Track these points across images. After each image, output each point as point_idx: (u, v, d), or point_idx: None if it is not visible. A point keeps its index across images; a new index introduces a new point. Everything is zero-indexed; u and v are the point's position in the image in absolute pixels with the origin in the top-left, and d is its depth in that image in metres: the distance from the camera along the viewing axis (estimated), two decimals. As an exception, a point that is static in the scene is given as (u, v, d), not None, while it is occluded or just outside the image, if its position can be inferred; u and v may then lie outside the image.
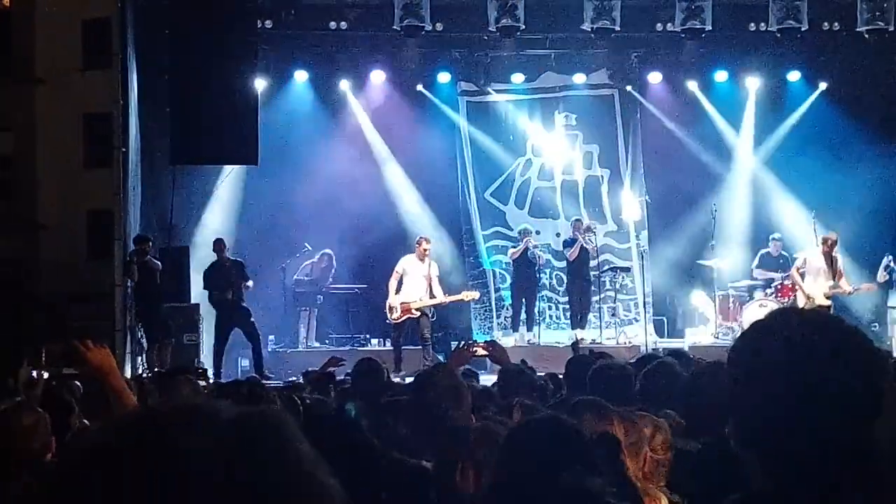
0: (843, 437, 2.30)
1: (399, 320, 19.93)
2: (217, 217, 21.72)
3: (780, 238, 21.77)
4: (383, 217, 22.74)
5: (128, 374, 17.68)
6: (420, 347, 19.80)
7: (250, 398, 5.83)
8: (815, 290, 19.32)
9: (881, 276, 20.99)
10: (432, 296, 19.95)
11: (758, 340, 2.42)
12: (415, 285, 19.90)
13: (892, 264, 21.36)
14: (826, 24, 22.09)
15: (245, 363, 20.25)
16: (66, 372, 12.97)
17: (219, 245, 19.66)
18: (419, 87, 23.43)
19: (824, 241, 19.61)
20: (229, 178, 21.62)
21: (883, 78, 22.54)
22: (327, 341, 21.64)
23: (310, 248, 21.85)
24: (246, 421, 1.55)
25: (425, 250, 20.06)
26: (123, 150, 18.44)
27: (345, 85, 23.13)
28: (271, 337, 21.19)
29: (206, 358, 19.44)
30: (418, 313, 19.81)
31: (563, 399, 7.38)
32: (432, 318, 20.12)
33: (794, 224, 22.35)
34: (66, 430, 7.03)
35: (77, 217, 18.91)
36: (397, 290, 19.99)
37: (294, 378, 14.80)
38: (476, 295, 21.19)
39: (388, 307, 20.03)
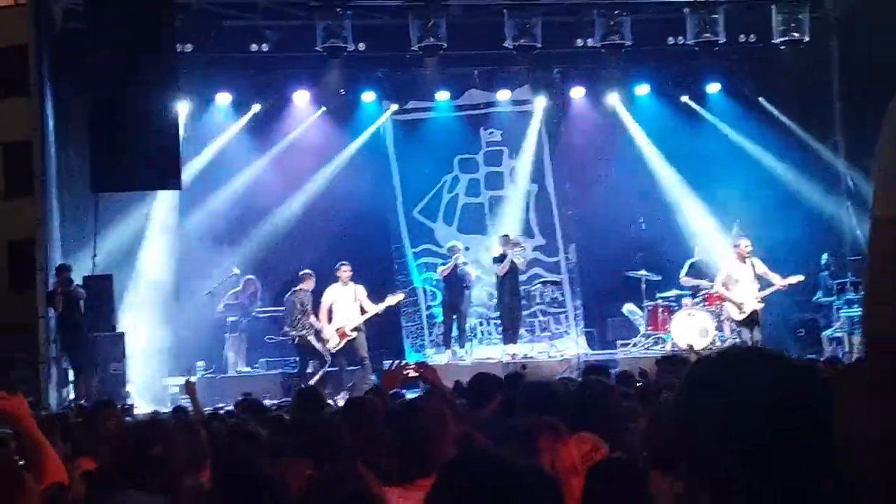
0: (801, 473, 2.31)
1: (337, 348, 19.89)
2: (142, 244, 21.49)
3: (704, 246, 21.93)
4: (309, 238, 22.63)
5: (53, 403, 17.53)
6: (357, 368, 19.81)
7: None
8: (744, 296, 19.45)
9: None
10: (363, 312, 19.93)
11: (710, 380, 2.40)
12: (343, 310, 19.89)
13: (829, 261, 21.69)
14: (742, 36, 22.33)
15: (174, 391, 20.07)
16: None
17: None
18: (343, 108, 23.39)
19: (735, 247, 19.79)
20: (154, 203, 21.43)
21: (800, 88, 22.82)
22: (257, 366, 21.48)
23: (237, 272, 21.70)
24: None
25: (346, 276, 20.04)
26: (44, 179, 18.24)
27: (268, 107, 23.03)
28: (200, 363, 21.01)
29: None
30: (354, 334, 19.78)
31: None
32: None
33: (719, 233, 22.53)
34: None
35: (-1, 248, 18.74)
36: (329, 320, 19.93)
37: (222, 404, 14.68)
38: (401, 297, 21.13)
39: (323, 339, 19.99)
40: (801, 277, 19.95)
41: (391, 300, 20.49)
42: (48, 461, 5.58)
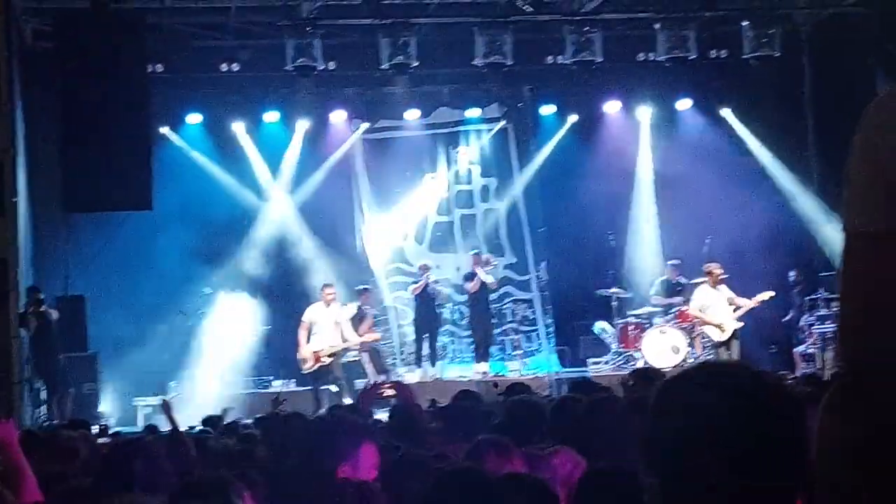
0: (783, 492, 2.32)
1: (311, 370, 19.78)
2: (113, 264, 21.40)
3: (677, 263, 21.99)
4: (282, 258, 22.64)
5: (27, 424, 17.40)
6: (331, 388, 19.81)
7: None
8: (722, 318, 19.55)
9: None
10: (344, 339, 19.85)
11: (685, 397, 2.40)
12: (325, 333, 19.75)
13: (797, 278, 21.81)
14: (713, 52, 22.47)
15: (147, 410, 20.02)
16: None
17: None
18: (313, 126, 23.38)
19: (709, 273, 19.87)
20: (124, 223, 21.34)
21: (771, 103, 22.96)
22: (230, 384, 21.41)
23: (209, 290, 21.65)
24: None
25: (330, 296, 19.96)
26: (15, 199, 18.14)
27: (238, 127, 23.02)
28: (172, 383, 20.96)
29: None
30: (329, 360, 19.67)
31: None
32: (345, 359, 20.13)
33: (691, 249, 22.59)
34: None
35: (-32, 269, 18.53)
36: (308, 340, 19.84)
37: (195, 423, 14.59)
38: (378, 336, 21.12)
39: (300, 359, 19.88)
40: (771, 293, 20.05)
41: (369, 337, 20.43)
42: (26, 482, 5.64)
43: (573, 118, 24.00)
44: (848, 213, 2.40)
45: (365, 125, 23.70)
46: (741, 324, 19.65)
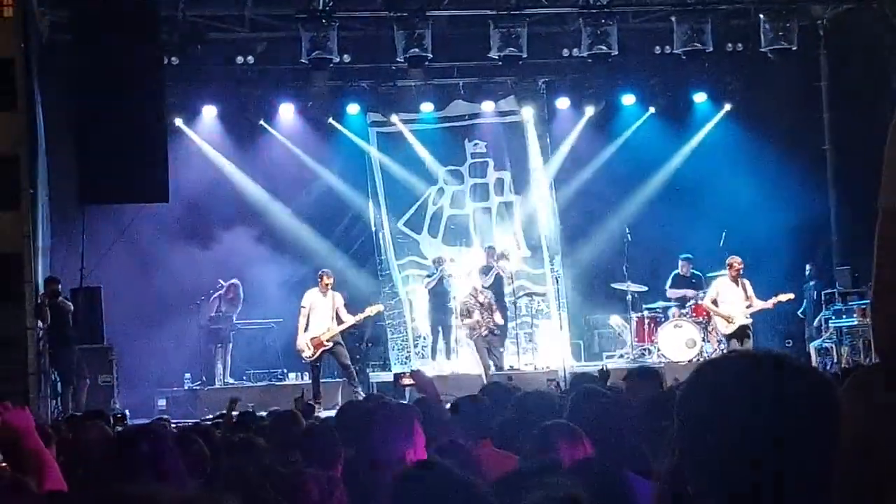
0: (807, 479, 2.31)
1: (313, 357, 19.68)
2: (129, 256, 21.43)
3: (690, 258, 21.92)
4: (296, 250, 22.65)
5: (43, 415, 17.44)
6: (343, 379, 19.76)
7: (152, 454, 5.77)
8: (733, 311, 19.46)
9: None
10: (340, 322, 19.80)
11: (714, 386, 2.40)
12: (321, 319, 19.65)
13: (813, 273, 21.77)
14: (730, 45, 22.41)
15: (162, 402, 20.07)
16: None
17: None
18: (329, 120, 23.38)
19: (730, 266, 19.75)
20: (140, 215, 21.37)
21: (788, 97, 22.90)
22: (244, 377, 21.48)
23: (223, 283, 21.68)
24: None
25: (327, 284, 19.77)
26: (31, 191, 18.18)
27: (254, 119, 23.00)
28: (187, 375, 21.04)
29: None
30: (331, 344, 19.62)
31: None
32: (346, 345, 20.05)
33: (705, 243, 22.54)
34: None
35: (-16, 261, 18.56)
36: (306, 327, 19.74)
37: (210, 416, 14.63)
38: (380, 307, 21.01)
39: (298, 348, 19.79)
40: (790, 295, 19.96)
41: (370, 310, 20.31)
42: (49, 470, 5.62)
43: (588, 111, 23.92)
44: (882, 192, 2.53)
45: (379, 118, 23.65)
46: (750, 320, 19.55)
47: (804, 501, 2.31)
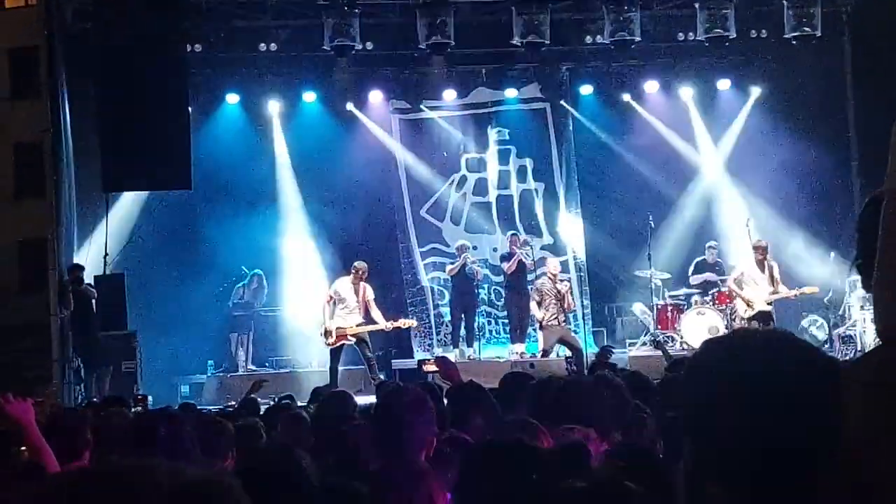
0: (816, 457, 2.30)
1: (335, 345, 19.56)
2: (152, 243, 21.49)
3: (715, 245, 21.90)
4: (318, 238, 22.67)
5: (66, 402, 17.52)
6: (363, 367, 19.75)
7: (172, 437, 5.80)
8: (755, 296, 19.43)
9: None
10: (370, 321, 19.53)
11: (720, 363, 2.39)
12: (350, 310, 19.56)
13: (838, 259, 21.67)
14: (753, 31, 22.33)
15: (185, 389, 20.15)
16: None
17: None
18: (350, 107, 23.38)
19: (755, 248, 19.72)
20: (163, 202, 21.44)
21: (812, 83, 22.80)
22: (266, 364, 21.53)
23: (246, 270, 21.75)
24: (186, 494, 1.50)
25: (360, 277, 19.61)
26: (55, 178, 18.27)
27: (276, 106, 23.01)
28: (210, 362, 21.11)
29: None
30: (353, 340, 19.50)
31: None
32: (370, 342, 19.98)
33: (731, 230, 22.50)
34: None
35: (9, 248, 18.68)
36: (332, 315, 19.68)
37: (233, 403, 14.67)
38: (413, 323, 20.91)
39: (323, 331, 19.59)
40: (815, 289, 19.91)
41: (402, 323, 20.11)
42: (48, 465, 5.65)
43: (611, 98, 23.87)
44: (888, 177, 2.56)
45: (401, 105, 23.64)
46: (770, 307, 19.49)
47: (800, 480, 2.30)
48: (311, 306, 20.80)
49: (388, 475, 5.17)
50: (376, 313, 19.56)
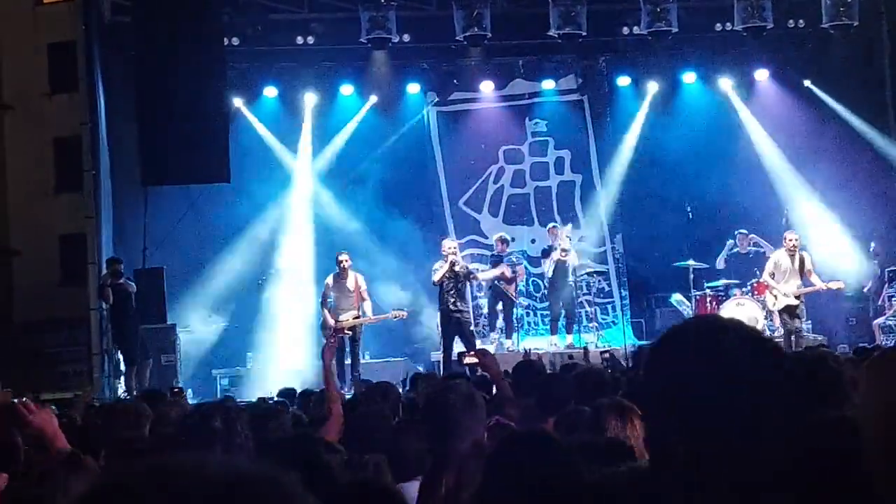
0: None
1: (334, 338, 19.46)
2: (191, 237, 21.56)
3: (746, 233, 21.67)
4: (356, 231, 22.65)
5: (106, 395, 17.65)
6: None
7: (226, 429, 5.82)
8: (785, 288, 19.32)
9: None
10: (362, 313, 19.58)
11: (679, 359, 2.38)
12: (343, 302, 19.53)
13: (877, 249, 21.56)
14: (791, 21, 22.22)
15: (225, 382, 20.20)
16: (45, 398, 12.89)
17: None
18: (388, 99, 23.37)
19: (785, 240, 19.60)
20: (201, 195, 21.49)
21: (850, 73, 22.66)
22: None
23: (281, 265, 21.80)
24: (240, 489, 1.49)
25: (343, 265, 19.62)
26: (94, 172, 18.36)
27: (313, 99, 23.04)
28: (249, 354, 21.14)
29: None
30: (350, 333, 19.40)
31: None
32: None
33: (768, 220, 22.36)
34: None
35: (49, 242, 18.79)
36: (330, 310, 19.59)
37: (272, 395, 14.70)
38: (404, 314, 20.64)
39: (323, 327, 19.57)
40: (841, 284, 19.80)
41: (393, 314, 20.06)
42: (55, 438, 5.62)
43: (649, 89, 23.76)
44: None
45: (438, 97, 23.63)
46: (796, 301, 19.29)
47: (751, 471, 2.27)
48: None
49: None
50: (367, 305, 19.60)
